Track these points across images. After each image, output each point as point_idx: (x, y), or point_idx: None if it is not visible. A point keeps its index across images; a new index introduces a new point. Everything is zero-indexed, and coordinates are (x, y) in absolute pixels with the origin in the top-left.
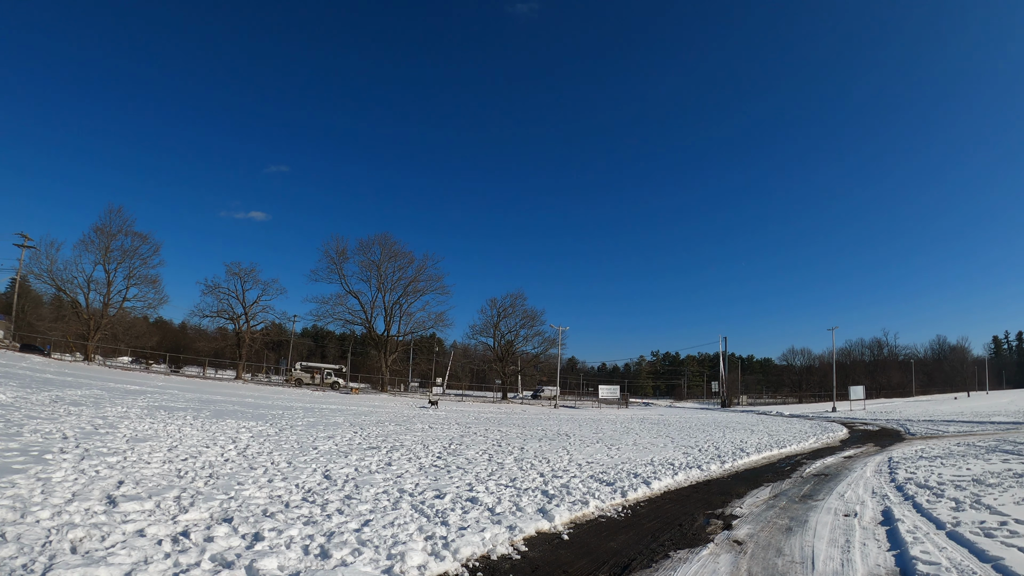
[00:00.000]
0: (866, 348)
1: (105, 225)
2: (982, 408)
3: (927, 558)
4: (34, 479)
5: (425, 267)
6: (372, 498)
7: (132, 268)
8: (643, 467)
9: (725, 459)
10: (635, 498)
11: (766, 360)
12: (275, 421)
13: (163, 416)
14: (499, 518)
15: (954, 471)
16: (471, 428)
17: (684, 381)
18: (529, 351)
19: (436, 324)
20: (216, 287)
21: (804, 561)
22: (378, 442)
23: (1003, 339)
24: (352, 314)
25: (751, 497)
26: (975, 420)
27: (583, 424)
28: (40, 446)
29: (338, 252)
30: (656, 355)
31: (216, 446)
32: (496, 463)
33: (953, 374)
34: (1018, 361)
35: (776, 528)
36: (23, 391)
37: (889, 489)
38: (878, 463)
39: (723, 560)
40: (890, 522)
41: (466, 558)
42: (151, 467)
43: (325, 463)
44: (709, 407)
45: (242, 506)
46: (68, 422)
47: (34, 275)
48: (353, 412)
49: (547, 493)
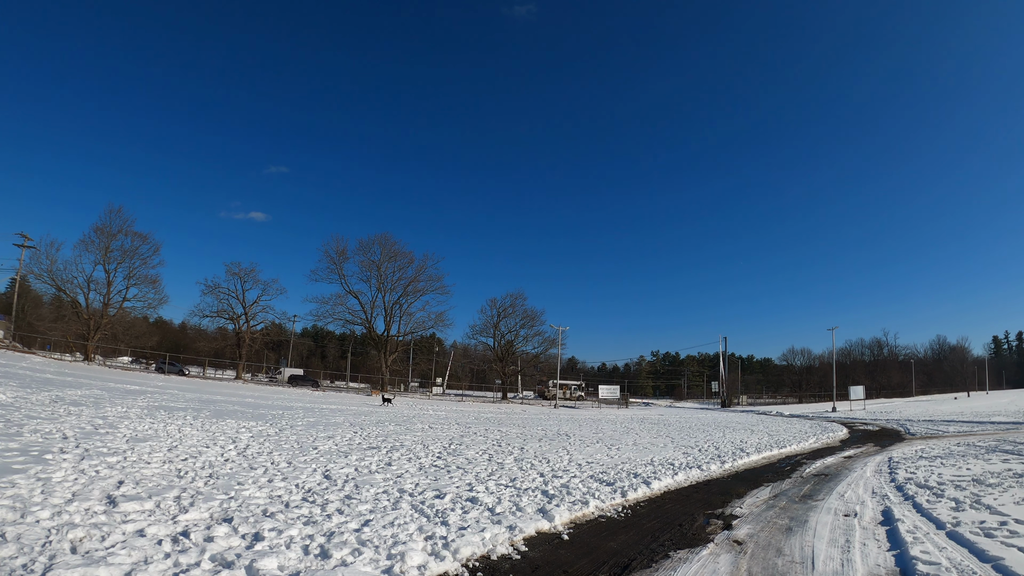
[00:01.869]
0: (866, 348)
1: (105, 225)
2: (982, 408)
3: (927, 558)
4: (34, 479)
5: (425, 267)
6: (372, 498)
7: (132, 268)
8: (643, 467)
9: (725, 459)
10: (635, 498)
11: (766, 360)
12: (275, 421)
13: (163, 416)
14: (499, 518)
15: (954, 471)
16: (471, 428)
17: (684, 381)
18: (529, 351)
19: (436, 324)
20: (216, 287)
21: (804, 561)
22: (378, 442)
23: (1003, 339)
24: (352, 314)
25: (751, 497)
26: (975, 420)
27: (583, 424)
28: (40, 446)
29: (338, 252)
30: (656, 355)
31: (216, 446)
32: (496, 463)
33: (953, 374)
34: (1018, 361)
35: (776, 528)
36: (23, 391)
37: (889, 489)
38: (878, 463)
39: (723, 560)
40: (890, 522)
41: (466, 558)
42: (151, 467)
43: (325, 463)
44: (709, 407)
45: (242, 506)
46: (68, 422)
47: (34, 275)
48: (353, 412)
49: (547, 493)
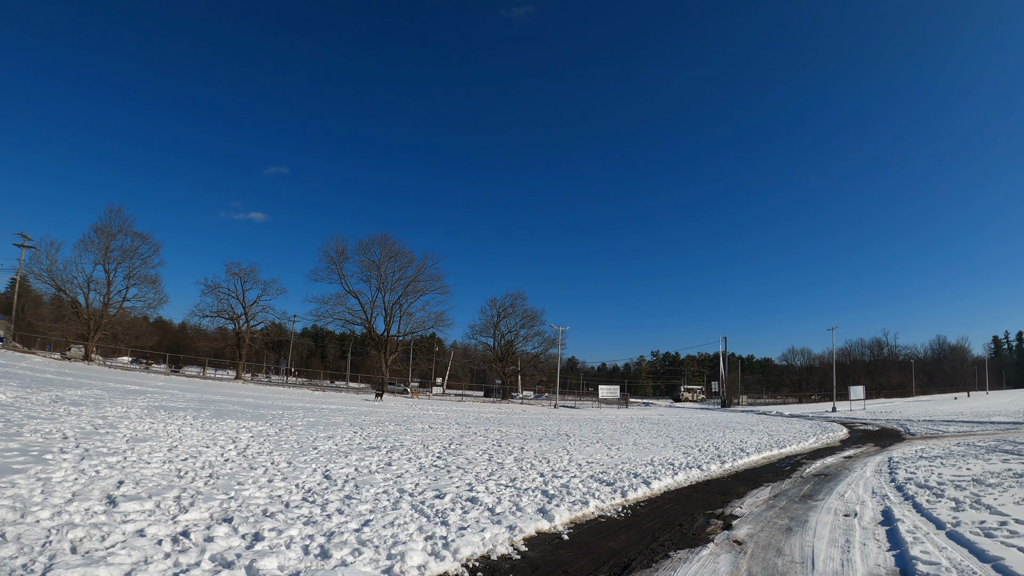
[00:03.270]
0: (866, 348)
1: (105, 225)
2: (982, 408)
3: (927, 558)
4: (34, 479)
5: (425, 267)
6: (372, 498)
7: (132, 268)
8: (643, 467)
9: (725, 459)
10: (635, 498)
11: (766, 360)
12: (275, 421)
13: (163, 416)
14: (499, 518)
15: (954, 471)
16: (471, 428)
17: (684, 381)
18: (529, 351)
19: (436, 324)
20: (216, 287)
21: (804, 561)
22: (378, 442)
23: (1003, 339)
24: (352, 314)
25: (751, 497)
26: (975, 420)
27: (583, 424)
28: (40, 446)
29: (338, 252)
30: (656, 355)
31: (216, 446)
32: (496, 463)
33: (953, 374)
34: (1018, 361)
35: (776, 528)
36: (23, 391)
37: (889, 489)
38: (878, 463)
39: (723, 560)
40: (890, 522)
41: (466, 558)
42: (151, 467)
43: (325, 463)
44: (709, 407)
45: (242, 506)
46: (68, 422)
47: (34, 275)
48: (353, 412)
49: (547, 493)
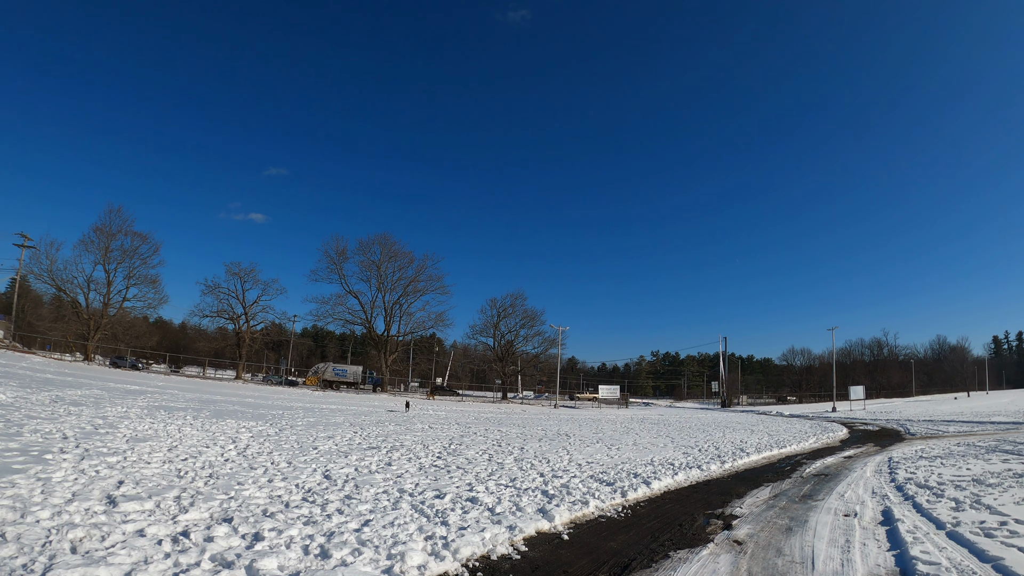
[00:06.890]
0: (866, 348)
1: (105, 225)
2: (982, 408)
3: (927, 558)
4: (34, 479)
5: (425, 267)
6: (372, 498)
7: (132, 268)
8: (643, 467)
9: (725, 459)
10: (635, 498)
11: (766, 360)
12: (275, 421)
13: (163, 416)
14: (499, 518)
15: (954, 471)
16: (471, 428)
17: (684, 381)
18: (529, 351)
19: (436, 324)
20: (216, 287)
21: (804, 561)
22: (378, 442)
23: (1003, 339)
24: (352, 314)
25: (751, 497)
26: (975, 420)
27: (583, 424)
28: (40, 446)
29: (338, 252)
30: (656, 355)
31: (216, 446)
32: (496, 463)
33: (953, 374)
34: (1018, 361)
35: (776, 528)
36: (23, 391)
37: (889, 489)
38: (878, 463)
39: (723, 560)
40: (890, 522)
41: (466, 558)
42: (151, 467)
43: (325, 463)
44: (709, 407)
45: (242, 506)
46: (68, 422)
47: (34, 275)
48: (353, 412)
49: (547, 493)
